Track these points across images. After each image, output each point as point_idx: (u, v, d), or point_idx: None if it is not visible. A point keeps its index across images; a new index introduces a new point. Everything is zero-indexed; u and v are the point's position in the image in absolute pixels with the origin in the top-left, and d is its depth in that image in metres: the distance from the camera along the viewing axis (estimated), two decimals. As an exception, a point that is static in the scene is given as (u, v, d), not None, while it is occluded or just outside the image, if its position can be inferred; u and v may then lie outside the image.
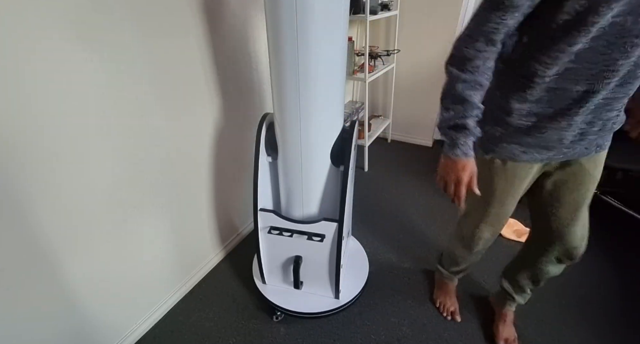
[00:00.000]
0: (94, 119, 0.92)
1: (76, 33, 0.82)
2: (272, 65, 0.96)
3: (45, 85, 0.79)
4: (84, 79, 0.86)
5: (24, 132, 0.78)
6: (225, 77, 1.31)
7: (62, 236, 0.92)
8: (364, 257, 1.52)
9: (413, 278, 1.49)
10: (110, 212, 1.03)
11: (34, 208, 0.84)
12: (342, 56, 0.96)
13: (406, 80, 2.53)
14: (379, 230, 1.78)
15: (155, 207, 1.19)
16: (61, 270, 0.95)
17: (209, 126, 1.31)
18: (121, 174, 1.03)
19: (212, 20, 1.17)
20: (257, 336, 1.26)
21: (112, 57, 0.91)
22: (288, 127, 1.02)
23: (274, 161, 1.21)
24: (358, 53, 2.22)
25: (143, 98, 1.03)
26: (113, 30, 0.89)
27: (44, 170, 0.84)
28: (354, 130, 1.07)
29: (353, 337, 1.26)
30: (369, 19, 1.84)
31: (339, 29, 0.89)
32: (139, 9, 0.94)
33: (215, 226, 1.52)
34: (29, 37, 0.74)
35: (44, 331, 0.96)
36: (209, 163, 1.37)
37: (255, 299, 1.39)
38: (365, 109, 2.34)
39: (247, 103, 1.49)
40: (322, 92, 0.95)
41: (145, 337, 1.26)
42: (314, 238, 1.16)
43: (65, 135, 0.86)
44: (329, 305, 1.28)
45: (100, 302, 1.09)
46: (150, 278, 1.25)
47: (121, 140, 1.00)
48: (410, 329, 1.28)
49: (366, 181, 2.20)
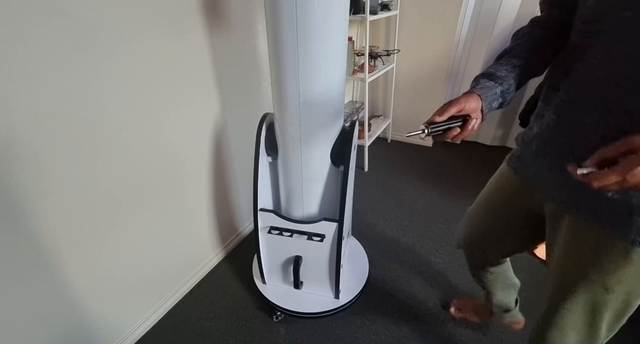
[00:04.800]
0: (93, 118, 0.91)
1: (75, 32, 0.82)
2: (271, 64, 0.96)
3: (42, 83, 0.79)
4: (83, 77, 0.86)
5: (22, 130, 0.78)
6: (226, 76, 1.31)
7: (62, 236, 0.92)
8: (364, 257, 1.52)
9: (413, 278, 1.49)
10: (110, 212, 1.03)
11: (34, 208, 0.84)
12: (342, 56, 0.96)
13: (406, 80, 2.53)
14: (379, 230, 1.78)
15: (155, 207, 1.19)
16: (61, 269, 0.95)
17: (208, 126, 1.31)
18: (121, 174, 1.03)
19: (212, 21, 1.17)
20: (257, 336, 1.26)
21: (112, 55, 0.91)
22: (288, 126, 1.02)
23: (274, 161, 1.21)
24: (358, 53, 2.22)
25: (142, 98, 1.03)
26: (113, 29, 0.89)
27: (43, 169, 0.84)
28: (354, 130, 1.07)
29: (353, 337, 1.26)
30: (369, 19, 1.84)
31: (339, 28, 0.89)
32: (138, 7, 0.94)
33: (215, 226, 1.52)
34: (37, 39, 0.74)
35: (43, 331, 0.96)
36: (209, 163, 1.37)
37: (255, 299, 1.39)
38: (365, 109, 2.34)
39: (247, 103, 1.49)
40: (322, 92, 0.95)
41: (145, 337, 1.26)
42: (314, 238, 1.16)
43: (65, 134, 0.86)
44: (329, 305, 1.28)
45: (100, 302, 1.09)
46: (150, 278, 1.25)
47: (121, 139, 1.00)
48: (410, 329, 1.28)
49: (366, 181, 2.20)
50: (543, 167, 0.67)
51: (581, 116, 0.57)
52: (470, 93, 0.62)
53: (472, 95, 0.62)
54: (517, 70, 0.66)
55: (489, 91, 0.63)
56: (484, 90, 0.63)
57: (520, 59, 0.66)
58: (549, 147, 0.65)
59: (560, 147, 0.62)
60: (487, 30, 2.22)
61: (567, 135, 0.60)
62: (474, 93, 0.62)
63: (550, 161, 0.65)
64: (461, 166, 2.39)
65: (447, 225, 1.81)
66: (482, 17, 2.21)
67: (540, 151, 0.67)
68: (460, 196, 2.04)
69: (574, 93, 0.58)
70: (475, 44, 2.30)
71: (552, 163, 0.65)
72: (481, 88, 0.63)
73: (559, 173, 0.63)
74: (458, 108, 0.59)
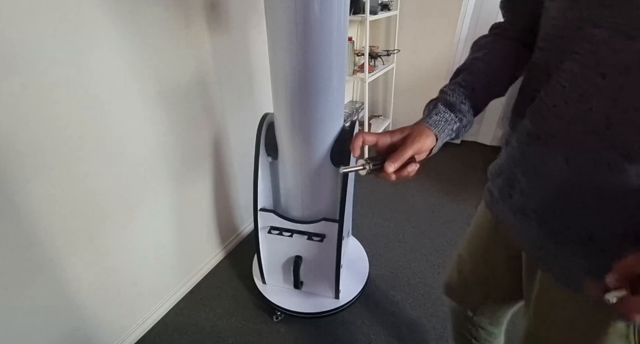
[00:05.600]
0: (94, 119, 0.91)
1: (77, 29, 0.82)
2: (271, 64, 0.96)
3: (44, 81, 0.79)
4: (87, 76, 0.86)
5: (25, 130, 0.78)
6: (226, 76, 1.31)
7: (63, 236, 0.92)
8: (364, 257, 1.52)
9: (413, 278, 1.49)
10: (110, 212, 1.03)
11: (34, 207, 0.84)
12: (342, 56, 0.96)
13: (406, 80, 2.53)
14: (379, 230, 1.78)
15: (155, 207, 1.19)
16: (61, 270, 0.95)
17: (208, 126, 1.31)
18: (121, 174, 1.03)
19: (211, 21, 1.18)
20: (257, 336, 1.26)
21: (115, 54, 0.91)
22: (288, 126, 1.02)
23: (274, 161, 1.21)
24: (358, 53, 2.22)
25: (142, 97, 1.03)
26: (113, 27, 0.89)
27: (44, 168, 0.84)
28: (354, 130, 1.07)
29: (353, 337, 1.25)
30: (369, 19, 1.84)
31: (339, 28, 0.89)
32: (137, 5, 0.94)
33: (215, 226, 1.52)
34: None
35: (43, 331, 0.96)
36: (209, 163, 1.37)
37: (255, 299, 1.39)
38: (365, 109, 2.34)
39: (247, 103, 1.49)
40: (322, 92, 0.95)
41: (145, 337, 1.26)
42: (314, 238, 1.16)
43: (65, 134, 0.86)
44: (329, 305, 1.28)
45: (101, 302, 1.09)
46: (150, 278, 1.25)
47: (122, 139, 1.00)
48: (410, 329, 1.28)
49: (366, 181, 2.20)
50: (507, 206, 0.55)
51: (544, 157, 0.45)
52: (427, 130, 0.52)
53: (428, 134, 0.51)
54: (477, 96, 0.55)
55: (447, 127, 0.53)
56: (440, 126, 0.52)
57: (481, 79, 0.56)
58: (512, 186, 0.53)
59: (522, 189, 0.50)
60: (487, 30, 2.22)
61: (529, 178, 0.48)
62: (430, 132, 0.52)
63: (511, 203, 0.53)
64: (461, 166, 2.39)
65: (447, 225, 1.81)
66: (482, 17, 2.21)
67: (504, 188, 0.55)
68: (460, 197, 2.04)
69: (538, 126, 0.46)
70: (475, 44, 2.30)
71: (514, 207, 0.53)
72: (437, 124, 0.52)
73: (522, 219, 0.51)
74: (414, 151, 0.49)
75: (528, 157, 0.48)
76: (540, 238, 0.49)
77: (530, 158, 0.48)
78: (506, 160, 0.55)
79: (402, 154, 0.48)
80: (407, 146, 0.49)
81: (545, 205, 0.46)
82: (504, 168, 0.55)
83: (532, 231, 0.50)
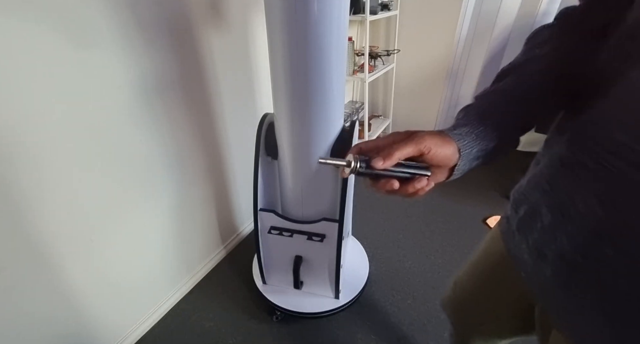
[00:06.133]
0: (94, 119, 0.91)
1: (70, 35, 0.82)
2: (271, 65, 0.95)
3: (40, 82, 0.79)
4: (85, 77, 0.86)
5: (24, 131, 0.78)
6: (226, 76, 1.31)
7: (63, 236, 0.92)
8: (364, 257, 1.52)
9: (413, 278, 1.49)
10: (110, 212, 1.03)
11: (34, 208, 0.84)
12: (342, 56, 0.96)
13: (406, 80, 2.53)
14: (379, 230, 1.78)
15: (156, 208, 1.19)
16: (61, 270, 0.95)
17: (208, 126, 1.31)
18: (121, 174, 1.03)
19: (211, 21, 1.17)
20: (257, 336, 1.26)
21: (115, 57, 0.91)
22: (288, 126, 1.02)
23: (273, 161, 1.21)
24: (358, 53, 2.22)
25: (142, 96, 1.03)
26: (113, 27, 0.89)
27: (44, 169, 0.84)
28: (354, 130, 1.07)
29: (353, 337, 1.25)
30: (369, 19, 1.84)
31: (339, 28, 0.89)
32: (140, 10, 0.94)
33: (215, 226, 1.52)
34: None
35: (43, 331, 0.96)
36: (209, 163, 1.37)
37: (255, 299, 1.39)
38: (365, 109, 2.34)
39: (247, 103, 1.49)
40: (322, 92, 0.95)
41: (145, 337, 1.26)
42: (314, 238, 1.16)
43: (65, 134, 0.86)
44: (329, 305, 1.28)
45: (101, 302, 1.09)
46: (150, 278, 1.25)
47: (122, 140, 1.00)
48: (410, 329, 1.28)
49: (366, 181, 2.20)
50: (522, 243, 0.45)
51: (578, 192, 0.35)
52: (447, 136, 0.40)
53: (448, 141, 0.40)
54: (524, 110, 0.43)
55: (476, 144, 0.41)
56: (467, 141, 0.41)
57: (534, 91, 0.42)
58: (533, 219, 0.42)
59: (543, 226, 0.40)
60: (487, 30, 2.22)
61: (555, 215, 0.39)
62: (452, 141, 0.40)
63: (527, 241, 0.44)
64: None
65: (447, 225, 1.81)
66: (482, 17, 2.21)
67: (524, 219, 0.45)
68: (460, 197, 2.03)
69: (578, 151, 0.36)
70: (475, 44, 2.30)
71: (530, 246, 0.43)
72: (464, 136, 0.41)
73: (539, 262, 0.41)
74: (415, 151, 0.39)
75: (559, 188, 0.38)
76: (552, 286, 0.40)
77: (561, 188, 0.38)
78: (532, 188, 0.44)
79: (398, 148, 0.38)
80: (409, 141, 0.39)
81: (570, 250, 0.37)
82: (529, 197, 0.45)
83: (547, 281, 0.41)
